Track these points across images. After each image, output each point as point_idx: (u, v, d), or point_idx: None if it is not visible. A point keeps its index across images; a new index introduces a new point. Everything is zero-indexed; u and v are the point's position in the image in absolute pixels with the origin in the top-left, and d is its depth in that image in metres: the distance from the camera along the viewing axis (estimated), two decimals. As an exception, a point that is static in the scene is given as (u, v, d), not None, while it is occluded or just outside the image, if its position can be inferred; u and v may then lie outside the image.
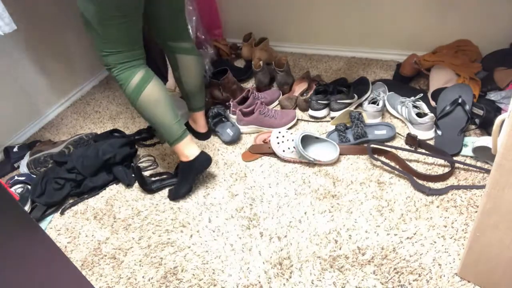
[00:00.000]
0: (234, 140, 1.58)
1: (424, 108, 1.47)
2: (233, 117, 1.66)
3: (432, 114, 1.43)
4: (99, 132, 1.77)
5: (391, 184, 1.31)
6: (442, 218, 1.17)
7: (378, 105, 1.56)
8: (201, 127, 1.62)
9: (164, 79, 2.02)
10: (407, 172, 1.32)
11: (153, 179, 1.48)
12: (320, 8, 1.96)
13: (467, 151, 1.36)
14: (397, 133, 1.49)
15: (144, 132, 1.71)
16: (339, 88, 1.64)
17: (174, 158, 1.58)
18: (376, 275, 1.05)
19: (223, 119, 1.64)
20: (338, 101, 1.60)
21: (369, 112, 1.55)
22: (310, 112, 1.65)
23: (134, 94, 1.23)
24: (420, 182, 1.28)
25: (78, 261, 1.24)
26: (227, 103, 1.72)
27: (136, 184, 1.48)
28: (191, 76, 1.48)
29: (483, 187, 1.23)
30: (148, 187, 1.42)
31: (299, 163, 1.45)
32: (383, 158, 1.40)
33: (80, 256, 1.25)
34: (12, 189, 1.45)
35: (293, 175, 1.41)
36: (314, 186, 1.35)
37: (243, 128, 1.63)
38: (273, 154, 1.48)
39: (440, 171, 1.33)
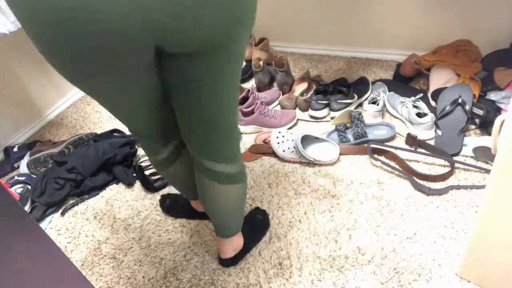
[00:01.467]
0: None
1: (424, 108, 1.47)
2: (233, 117, 1.66)
3: (432, 114, 1.43)
4: (99, 132, 1.77)
5: (391, 184, 1.31)
6: (442, 218, 1.17)
7: (378, 105, 1.56)
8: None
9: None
10: (407, 172, 1.32)
11: (153, 178, 1.48)
12: (320, 8, 1.96)
13: (467, 151, 1.36)
14: (397, 133, 1.49)
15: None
16: (339, 88, 1.64)
17: (174, 158, 1.58)
18: (376, 275, 1.05)
19: None
20: (338, 101, 1.60)
21: (369, 112, 1.55)
22: (310, 112, 1.65)
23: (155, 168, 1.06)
24: (420, 182, 1.28)
25: (78, 261, 1.24)
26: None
27: (136, 184, 1.48)
28: (218, 208, 1.02)
29: (483, 187, 1.23)
30: (151, 186, 1.42)
31: (299, 163, 1.45)
32: (383, 158, 1.40)
33: (80, 256, 1.25)
34: (12, 189, 1.45)
35: (293, 175, 1.41)
36: (314, 186, 1.35)
37: (243, 128, 1.63)
38: (273, 154, 1.48)
39: (440, 171, 1.33)
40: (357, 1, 1.85)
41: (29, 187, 1.47)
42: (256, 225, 1.21)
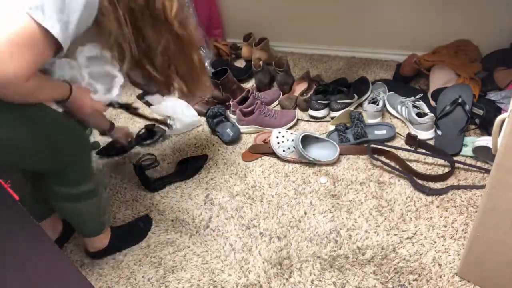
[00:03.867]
0: (234, 140, 1.58)
1: (424, 108, 1.48)
2: (233, 117, 1.66)
3: (432, 114, 1.43)
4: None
5: (391, 184, 1.31)
6: (442, 218, 1.17)
7: (378, 105, 1.56)
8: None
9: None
10: (407, 172, 1.32)
11: (153, 178, 1.48)
12: (320, 8, 1.96)
13: (467, 151, 1.36)
14: (397, 133, 1.49)
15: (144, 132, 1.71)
16: (339, 88, 1.64)
17: (174, 158, 1.58)
18: (376, 275, 1.05)
19: (223, 119, 1.64)
20: (338, 101, 1.60)
21: (369, 112, 1.55)
22: (310, 112, 1.65)
23: None
24: (420, 182, 1.28)
25: (78, 261, 1.24)
26: (227, 103, 1.72)
27: (136, 184, 1.48)
28: None
29: (483, 187, 1.23)
30: (151, 186, 1.43)
31: (299, 163, 1.45)
32: (383, 158, 1.40)
33: (80, 256, 1.25)
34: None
35: (293, 175, 1.41)
36: (314, 186, 1.35)
37: (243, 128, 1.63)
38: (273, 154, 1.48)
39: (440, 171, 1.33)
40: (357, 1, 1.85)
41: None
42: (133, 231, 1.27)
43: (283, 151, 1.44)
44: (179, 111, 1.69)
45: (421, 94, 1.52)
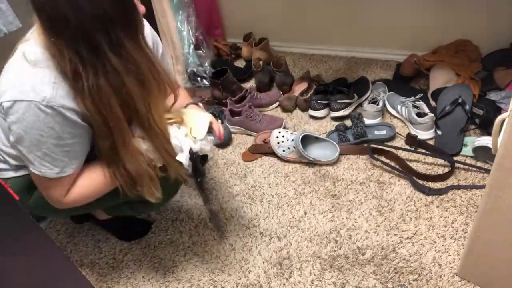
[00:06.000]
0: (224, 143, 1.58)
1: (424, 108, 1.47)
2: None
3: (432, 114, 1.43)
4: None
5: (391, 184, 1.31)
6: (442, 218, 1.17)
7: (378, 105, 1.56)
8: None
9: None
10: (407, 172, 1.32)
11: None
12: (320, 8, 1.96)
13: (467, 151, 1.36)
14: (397, 133, 1.49)
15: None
16: (339, 88, 1.64)
17: (174, 158, 1.58)
18: (376, 275, 1.05)
19: (218, 120, 1.62)
20: (338, 101, 1.59)
21: (369, 112, 1.55)
22: (310, 112, 1.65)
23: None
24: (420, 182, 1.28)
25: (78, 261, 1.24)
26: (224, 101, 1.72)
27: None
28: None
29: (483, 187, 1.23)
30: None
31: (299, 163, 1.45)
32: (383, 158, 1.40)
33: (80, 256, 1.25)
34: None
35: (293, 175, 1.41)
36: (314, 186, 1.35)
37: (231, 128, 1.63)
38: (273, 154, 1.48)
39: (440, 171, 1.33)
40: (357, 1, 1.85)
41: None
42: (125, 228, 1.29)
43: (283, 151, 1.44)
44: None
45: (421, 94, 1.52)
